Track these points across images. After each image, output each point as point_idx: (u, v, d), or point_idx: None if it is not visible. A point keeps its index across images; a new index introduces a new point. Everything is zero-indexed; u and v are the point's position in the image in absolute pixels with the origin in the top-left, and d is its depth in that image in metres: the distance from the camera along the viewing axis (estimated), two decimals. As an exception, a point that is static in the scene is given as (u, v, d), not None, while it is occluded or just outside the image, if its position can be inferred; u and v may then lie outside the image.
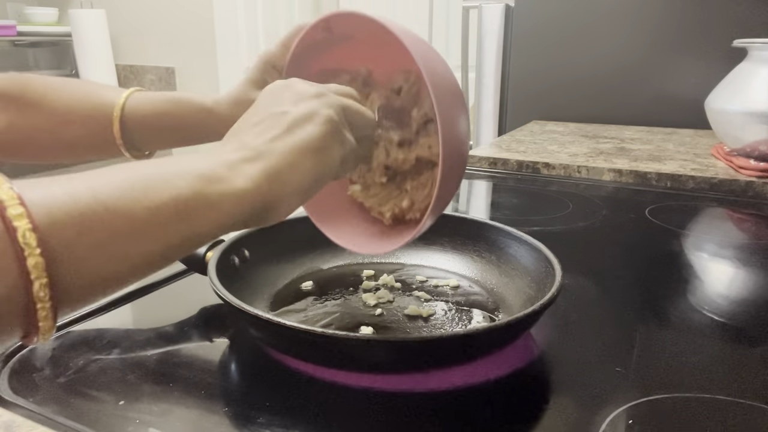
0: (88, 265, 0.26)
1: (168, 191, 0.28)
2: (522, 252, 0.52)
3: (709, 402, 0.38)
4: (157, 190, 0.28)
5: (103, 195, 0.26)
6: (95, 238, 0.26)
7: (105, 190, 0.27)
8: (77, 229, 0.25)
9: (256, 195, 0.31)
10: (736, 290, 0.60)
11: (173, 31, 2.16)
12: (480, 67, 1.62)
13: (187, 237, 0.29)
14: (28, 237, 0.23)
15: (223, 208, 0.30)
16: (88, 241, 0.25)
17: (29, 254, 0.23)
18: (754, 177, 0.96)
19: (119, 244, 0.27)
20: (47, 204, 0.25)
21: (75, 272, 0.25)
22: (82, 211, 0.25)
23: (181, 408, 0.37)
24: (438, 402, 0.38)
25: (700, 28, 1.37)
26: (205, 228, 0.30)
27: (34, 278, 0.24)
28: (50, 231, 0.24)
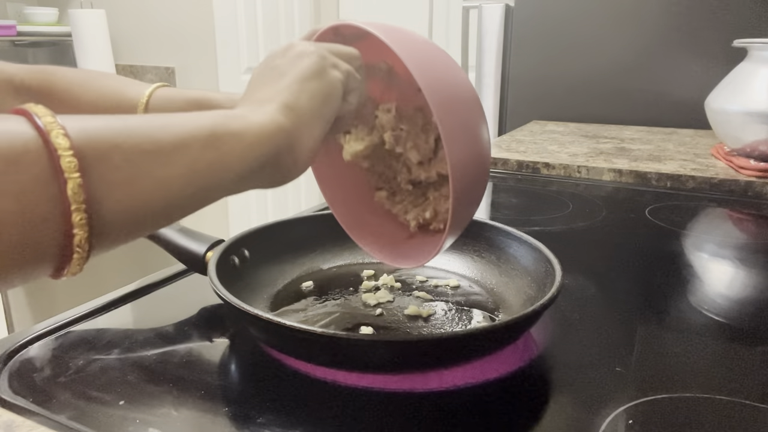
0: (120, 178, 0.27)
1: (192, 123, 0.31)
2: (522, 252, 0.52)
3: (709, 402, 0.38)
4: (183, 121, 0.30)
5: (133, 124, 0.28)
6: (126, 153, 0.27)
7: (134, 122, 0.29)
8: (109, 142, 0.27)
9: (275, 127, 0.33)
10: (736, 290, 0.60)
11: (173, 31, 2.16)
12: (480, 67, 1.62)
13: (214, 164, 0.30)
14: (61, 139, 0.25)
15: (247, 137, 0.32)
16: (119, 154, 0.27)
17: (62, 154, 0.24)
18: (754, 177, 0.96)
19: (148, 161, 0.28)
20: (80, 123, 0.26)
21: (108, 184, 0.26)
22: (114, 131, 0.27)
23: (181, 408, 0.37)
24: (438, 402, 0.38)
25: (700, 28, 1.37)
26: (232, 157, 0.31)
27: (67, 177, 0.24)
28: (83, 140, 0.26)
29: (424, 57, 0.39)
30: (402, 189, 0.50)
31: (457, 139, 0.38)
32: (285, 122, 0.34)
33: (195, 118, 0.31)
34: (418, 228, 0.50)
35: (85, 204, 0.25)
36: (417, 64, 0.37)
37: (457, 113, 0.39)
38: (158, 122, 0.30)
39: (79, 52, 2.09)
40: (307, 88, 0.36)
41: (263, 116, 0.34)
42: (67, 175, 0.24)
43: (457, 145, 0.38)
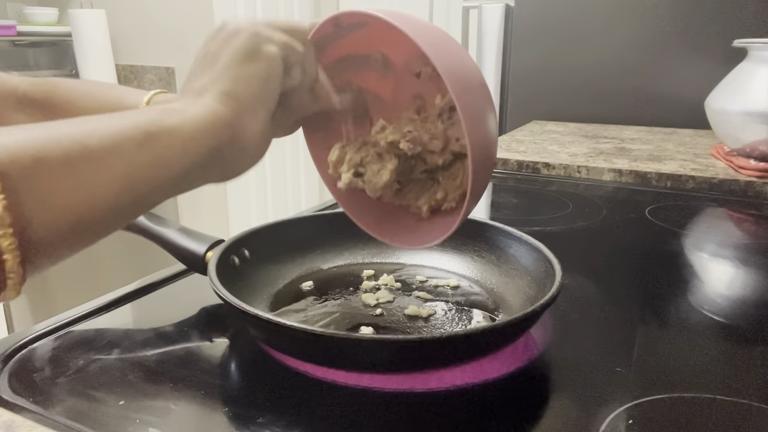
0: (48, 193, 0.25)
1: (125, 122, 0.29)
2: (522, 252, 0.52)
3: (709, 402, 0.38)
4: (114, 122, 0.28)
5: (60, 132, 0.27)
6: (52, 164, 0.25)
7: (60, 127, 0.27)
8: (33, 156, 0.25)
9: (214, 117, 0.32)
10: (736, 290, 0.60)
11: (173, 31, 2.16)
12: (480, 67, 1.62)
13: (149, 166, 0.29)
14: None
15: (182, 132, 0.30)
16: (46, 168, 0.25)
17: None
18: (754, 177, 0.96)
19: (78, 170, 0.26)
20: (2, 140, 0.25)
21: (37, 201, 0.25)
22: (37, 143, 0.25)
23: (181, 408, 0.37)
24: (438, 402, 0.38)
25: (700, 28, 1.37)
26: (171, 154, 0.29)
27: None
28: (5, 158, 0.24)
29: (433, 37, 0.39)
30: (413, 179, 0.50)
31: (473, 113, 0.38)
32: (224, 111, 0.33)
33: (128, 116, 0.30)
34: (430, 212, 0.49)
35: (12, 227, 0.23)
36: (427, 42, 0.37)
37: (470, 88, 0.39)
38: (88, 125, 0.28)
39: (79, 52, 2.09)
40: (242, 71, 0.34)
41: (200, 108, 0.32)
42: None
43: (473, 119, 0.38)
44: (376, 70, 0.48)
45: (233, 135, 0.33)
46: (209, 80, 0.34)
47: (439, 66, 0.37)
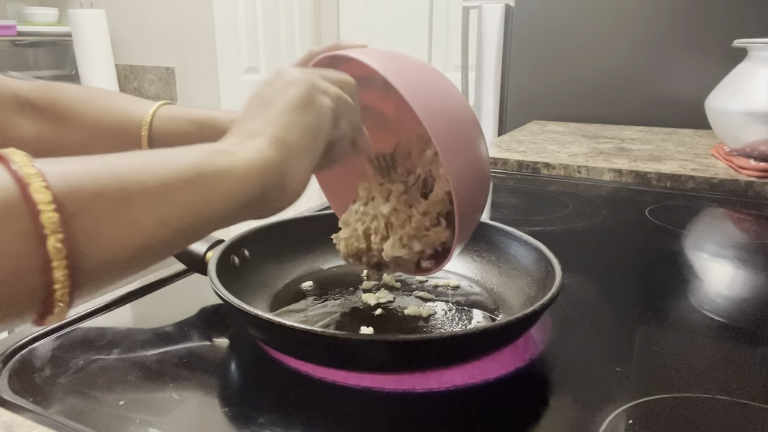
0: (102, 229, 0.26)
1: (179, 163, 0.29)
2: (522, 252, 0.52)
3: (709, 402, 0.38)
4: (167, 161, 0.29)
5: (117, 168, 0.27)
6: (108, 203, 0.26)
7: (119, 164, 0.28)
8: (91, 193, 0.25)
9: (263, 163, 0.33)
10: (736, 290, 0.60)
11: (173, 31, 2.16)
12: (480, 67, 1.62)
13: (199, 206, 0.30)
14: (42, 192, 0.24)
15: (233, 176, 0.31)
16: (102, 204, 0.26)
17: (43, 209, 0.23)
18: (754, 177, 0.96)
19: (132, 209, 0.27)
20: (61, 171, 0.25)
21: (90, 236, 0.25)
22: (96, 178, 0.26)
23: (181, 408, 0.37)
24: (438, 402, 0.38)
25: (700, 28, 1.37)
26: (217, 197, 0.30)
27: (48, 233, 0.23)
28: (64, 192, 0.24)
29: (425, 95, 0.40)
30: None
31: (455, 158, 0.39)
32: (274, 157, 0.33)
33: (181, 156, 0.30)
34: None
35: (67, 260, 0.24)
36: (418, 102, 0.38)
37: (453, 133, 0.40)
38: (142, 162, 0.29)
39: (79, 52, 2.09)
40: (296, 119, 0.35)
41: (251, 152, 0.33)
42: (47, 231, 0.23)
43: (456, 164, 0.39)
44: (378, 89, 0.49)
45: (279, 180, 0.34)
46: (262, 124, 0.35)
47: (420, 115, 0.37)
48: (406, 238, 0.46)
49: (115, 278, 0.27)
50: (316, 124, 0.36)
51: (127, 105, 0.54)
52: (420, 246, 0.46)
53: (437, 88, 0.41)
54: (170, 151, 0.31)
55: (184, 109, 0.54)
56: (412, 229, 0.46)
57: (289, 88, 0.37)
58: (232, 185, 0.31)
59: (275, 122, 0.35)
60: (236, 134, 0.35)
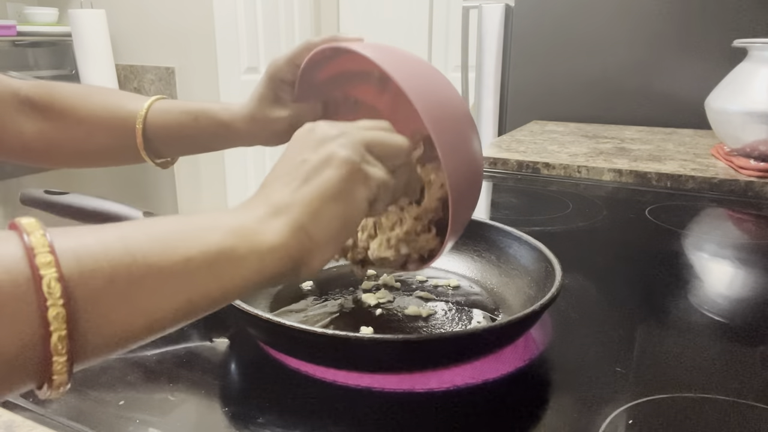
0: (111, 318, 0.25)
1: (198, 244, 0.28)
2: (522, 252, 0.52)
3: (709, 402, 0.38)
4: (188, 241, 0.28)
5: (134, 245, 0.26)
6: (121, 290, 0.25)
7: (137, 240, 0.26)
8: (105, 279, 0.25)
9: (283, 250, 0.31)
10: (736, 290, 0.60)
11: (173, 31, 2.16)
12: (480, 67, 1.62)
13: (212, 292, 0.28)
14: (53, 287, 0.23)
15: (251, 263, 0.29)
16: (115, 292, 0.25)
17: (52, 304, 0.23)
18: (754, 177, 0.96)
19: (145, 296, 0.26)
20: (77, 252, 0.24)
21: (96, 326, 0.24)
22: (112, 260, 0.25)
23: (181, 408, 0.37)
24: (438, 402, 0.38)
25: (700, 28, 1.37)
26: (232, 284, 0.29)
27: (53, 330, 0.23)
28: (77, 281, 0.24)
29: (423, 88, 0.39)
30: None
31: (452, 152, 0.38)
32: (295, 247, 0.31)
33: (202, 233, 0.29)
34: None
35: (68, 354, 0.23)
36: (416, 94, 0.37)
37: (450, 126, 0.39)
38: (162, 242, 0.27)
39: (79, 52, 2.08)
40: (326, 212, 0.32)
41: (274, 237, 0.30)
42: (53, 327, 0.23)
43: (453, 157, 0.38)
44: (374, 85, 0.49)
45: (295, 267, 0.32)
46: (290, 201, 0.32)
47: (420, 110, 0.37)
48: (394, 240, 0.45)
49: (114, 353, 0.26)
50: (347, 216, 0.33)
51: (123, 100, 0.55)
52: (407, 250, 0.45)
53: (434, 82, 0.41)
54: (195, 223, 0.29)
55: (178, 101, 0.54)
56: (402, 232, 0.45)
57: (328, 168, 0.33)
58: (247, 273, 0.29)
59: (303, 205, 0.32)
60: (260, 203, 0.32)
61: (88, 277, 0.24)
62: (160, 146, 0.55)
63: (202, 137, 0.54)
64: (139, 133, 0.53)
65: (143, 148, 0.54)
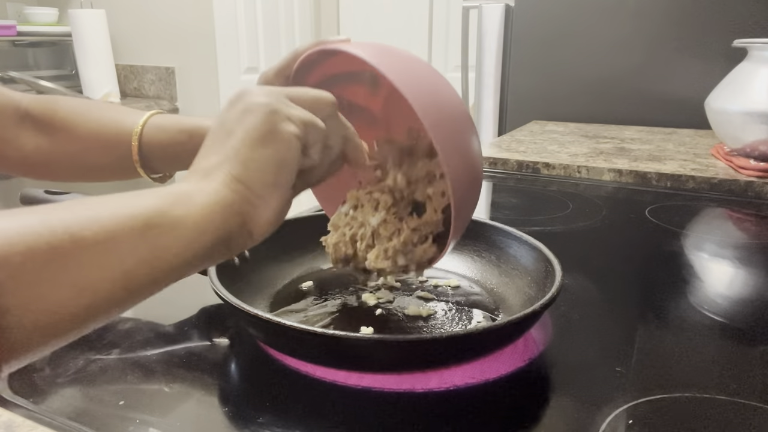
0: (37, 295, 0.24)
1: (124, 212, 0.27)
2: (522, 252, 0.52)
3: (709, 402, 0.38)
4: (113, 212, 0.26)
5: (54, 220, 0.25)
6: (42, 263, 0.24)
7: (56, 216, 0.25)
8: (21, 254, 0.23)
9: (222, 206, 0.30)
10: (736, 290, 0.60)
11: (173, 31, 2.16)
12: (480, 67, 1.62)
13: (149, 260, 0.27)
14: None
15: (187, 224, 0.28)
16: (34, 266, 0.23)
17: None
18: (754, 177, 0.96)
19: (71, 268, 0.24)
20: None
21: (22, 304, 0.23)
22: (29, 236, 0.24)
23: (181, 408, 0.37)
24: (438, 402, 0.38)
25: (700, 28, 1.37)
26: (171, 249, 0.28)
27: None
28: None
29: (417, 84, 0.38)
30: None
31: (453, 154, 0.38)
32: (233, 198, 0.30)
33: (132, 204, 0.27)
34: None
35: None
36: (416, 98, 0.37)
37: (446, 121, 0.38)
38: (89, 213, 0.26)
39: (79, 52, 2.08)
40: (254, 154, 0.32)
41: (207, 195, 0.30)
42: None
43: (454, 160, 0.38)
44: (366, 85, 0.48)
45: (242, 222, 0.31)
46: (219, 160, 0.32)
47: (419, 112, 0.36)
48: (392, 251, 0.44)
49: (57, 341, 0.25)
50: (279, 158, 0.32)
51: (120, 116, 0.54)
52: (404, 261, 0.44)
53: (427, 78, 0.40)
54: (124, 197, 0.28)
55: (174, 117, 0.54)
56: (399, 243, 0.44)
57: (247, 116, 0.33)
58: (186, 234, 0.28)
59: (232, 158, 0.31)
60: (194, 171, 0.32)
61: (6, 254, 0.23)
62: (156, 163, 0.55)
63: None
64: (135, 150, 0.53)
65: (140, 165, 0.54)
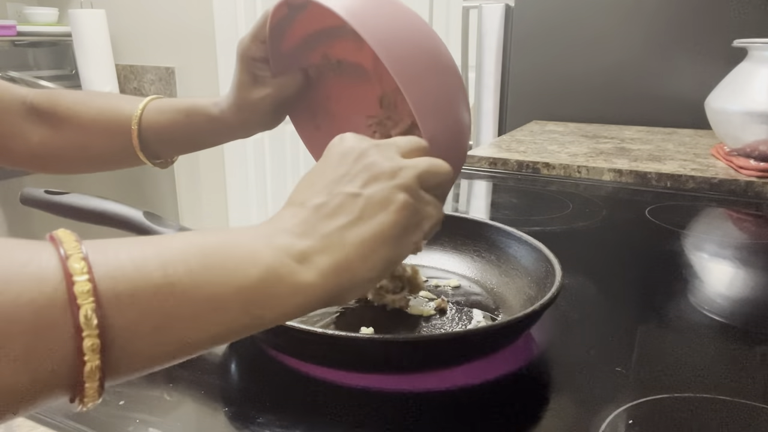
0: (144, 348, 0.25)
1: (237, 279, 0.27)
2: (522, 252, 0.52)
3: (709, 402, 0.38)
4: (226, 276, 0.27)
5: (173, 274, 0.25)
6: (157, 322, 0.25)
7: (175, 268, 0.25)
8: (141, 311, 0.24)
9: (322, 288, 0.29)
10: (736, 290, 0.60)
11: (173, 31, 2.16)
12: (480, 67, 1.62)
13: (247, 326, 0.28)
14: (89, 317, 0.22)
15: (288, 301, 0.29)
16: (149, 323, 0.24)
17: (87, 335, 0.22)
18: (754, 177, 0.96)
19: (179, 329, 0.25)
20: (115, 278, 0.24)
21: (129, 354, 0.24)
22: (149, 290, 0.24)
23: (181, 408, 0.37)
24: (438, 402, 0.38)
25: (700, 28, 1.37)
26: (267, 318, 0.28)
27: (87, 360, 0.22)
28: (114, 311, 0.23)
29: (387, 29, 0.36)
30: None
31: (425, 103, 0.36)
32: (336, 284, 0.30)
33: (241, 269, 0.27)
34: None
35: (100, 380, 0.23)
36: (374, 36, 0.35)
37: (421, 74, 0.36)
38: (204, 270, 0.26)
39: (79, 52, 2.08)
40: (375, 255, 0.31)
41: (314, 277, 0.29)
42: (86, 358, 0.22)
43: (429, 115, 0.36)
44: (351, 39, 0.46)
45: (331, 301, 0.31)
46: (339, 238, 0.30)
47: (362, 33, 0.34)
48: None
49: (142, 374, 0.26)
50: (397, 259, 0.32)
51: (120, 102, 0.55)
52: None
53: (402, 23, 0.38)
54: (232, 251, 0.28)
55: (172, 100, 0.55)
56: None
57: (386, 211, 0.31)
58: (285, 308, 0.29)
59: (355, 246, 0.30)
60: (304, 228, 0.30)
61: (126, 307, 0.24)
62: (156, 146, 0.55)
63: (197, 134, 0.55)
64: (135, 134, 0.53)
65: (140, 149, 0.54)
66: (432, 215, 0.33)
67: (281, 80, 0.51)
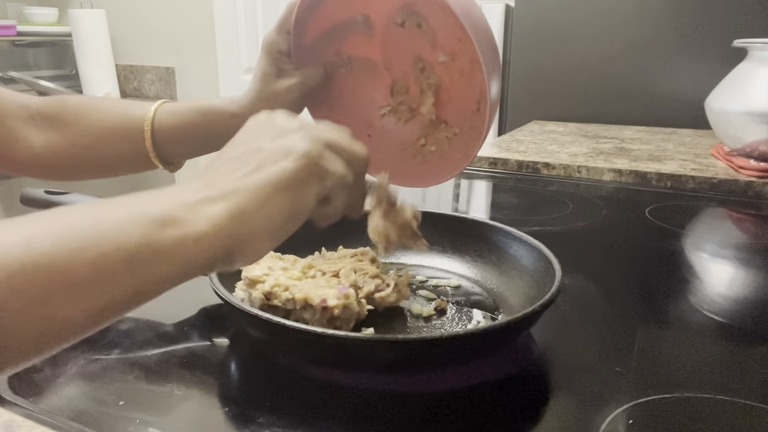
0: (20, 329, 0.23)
1: (113, 240, 0.25)
2: (522, 252, 0.52)
3: (709, 402, 0.38)
4: (102, 239, 0.25)
5: (39, 247, 0.24)
6: (27, 299, 0.23)
7: (41, 241, 0.24)
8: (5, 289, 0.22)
9: (215, 238, 0.28)
10: (736, 290, 0.60)
11: (173, 31, 2.17)
12: (480, 67, 1.62)
13: (134, 291, 0.26)
14: None
15: (176, 255, 0.27)
16: (19, 302, 0.23)
17: None
18: (754, 177, 0.96)
19: (56, 303, 0.24)
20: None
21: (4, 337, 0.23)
22: (12, 268, 0.23)
23: (181, 408, 0.37)
24: (438, 402, 0.38)
25: (700, 28, 1.37)
26: (155, 278, 0.27)
27: None
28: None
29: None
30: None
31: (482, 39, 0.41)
32: (230, 233, 0.29)
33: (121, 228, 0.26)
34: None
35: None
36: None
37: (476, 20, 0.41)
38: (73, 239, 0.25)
39: (79, 52, 2.08)
40: (272, 202, 0.30)
41: (205, 225, 0.28)
42: None
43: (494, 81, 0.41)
44: (360, 32, 0.49)
45: (229, 257, 0.29)
46: (234, 186, 0.30)
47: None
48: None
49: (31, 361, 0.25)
50: (294, 209, 0.31)
51: (130, 106, 0.55)
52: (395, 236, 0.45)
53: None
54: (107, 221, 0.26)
55: (183, 102, 0.55)
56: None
57: (286, 158, 0.31)
58: (174, 264, 0.27)
59: (251, 192, 0.30)
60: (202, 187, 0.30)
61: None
62: (169, 148, 0.55)
63: (213, 134, 0.55)
64: (148, 135, 0.53)
65: (152, 151, 0.54)
66: (335, 173, 0.33)
67: (306, 71, 0.53)
